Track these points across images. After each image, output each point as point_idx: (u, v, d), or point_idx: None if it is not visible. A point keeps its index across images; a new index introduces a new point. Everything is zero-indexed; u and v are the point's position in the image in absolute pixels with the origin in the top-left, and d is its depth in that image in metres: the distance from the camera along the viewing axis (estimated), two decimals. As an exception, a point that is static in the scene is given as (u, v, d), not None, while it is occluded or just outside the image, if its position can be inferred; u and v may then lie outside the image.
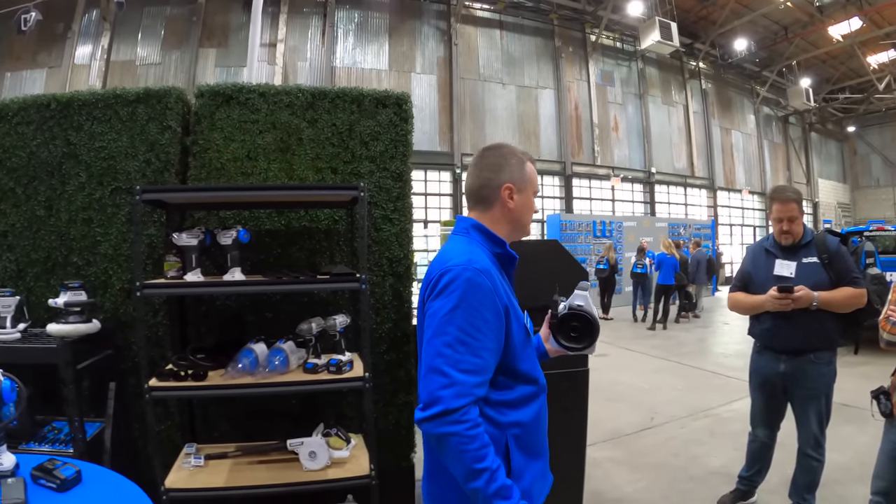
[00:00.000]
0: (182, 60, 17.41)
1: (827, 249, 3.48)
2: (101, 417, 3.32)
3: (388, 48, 19.28)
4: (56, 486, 1.93)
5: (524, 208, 1.87)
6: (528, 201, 1.87)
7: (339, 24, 18.76)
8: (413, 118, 3.93)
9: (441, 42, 20.09)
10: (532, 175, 1.88)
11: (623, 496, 4.25)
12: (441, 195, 19.92)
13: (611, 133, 22.87)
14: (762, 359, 3.72)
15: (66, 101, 3.61)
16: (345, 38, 18.84)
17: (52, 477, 1.94)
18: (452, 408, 1.49)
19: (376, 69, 18.91)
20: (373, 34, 19.16)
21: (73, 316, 3.07)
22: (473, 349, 1.56)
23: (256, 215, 3.65)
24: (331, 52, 18.44)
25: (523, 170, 1.85)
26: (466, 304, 1.58)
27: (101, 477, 2.11)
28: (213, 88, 3.70)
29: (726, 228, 26.93)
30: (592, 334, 1.92)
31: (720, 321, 14.11)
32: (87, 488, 1.98)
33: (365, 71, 18.67)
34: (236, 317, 3.57)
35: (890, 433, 2.92)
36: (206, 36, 17.74)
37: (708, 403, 6.61)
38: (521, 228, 1.91)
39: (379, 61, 19.11)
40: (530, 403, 1.75)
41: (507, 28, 21.18)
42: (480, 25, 20.78)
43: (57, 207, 3.58)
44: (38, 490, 1.92)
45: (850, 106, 29.02)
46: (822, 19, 21.97)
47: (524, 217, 1.89)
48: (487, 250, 1.77)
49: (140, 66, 17.21)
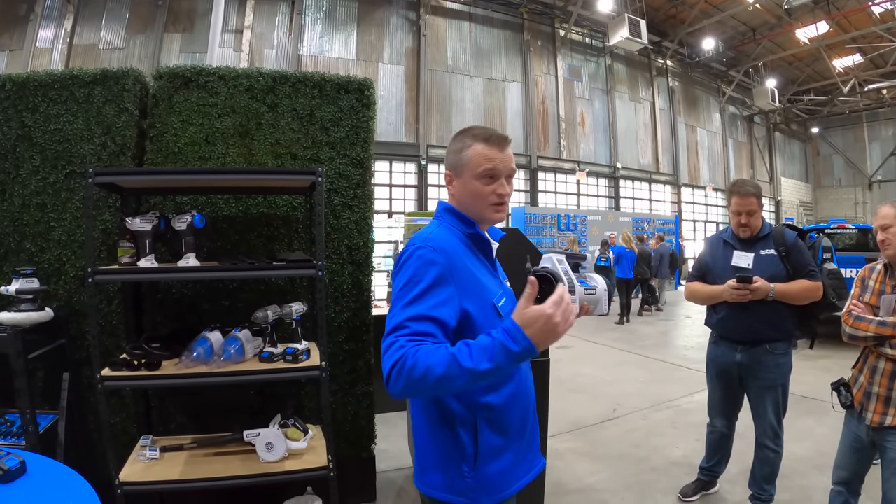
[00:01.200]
0: (146, 45, 17.07)
1: (784, 242, 3.52)
2: (54, 409, 3.25)
3: (355, 37, 19.11)
4: (-1, 476, 1.87)
5: (465, 193, 1.81)
6: (467, 185, 1.80)
7: (307, 11, 18.54)
8: (375, 104, 3.89)
9: (410, 33, 19.99)
10: (471, 157, 1.78)
11: (585, 487, 4.27)
12: (406, 186, 19.85)
13: (577, 128, 23.00)
14: (718, 349, 3.77)
15: (21, 82, 3.50)
16: (312, 25, 18.63)
17: (-5, 467, 1.88)
18: (390, 340, 1.52)
19: (343, 58, 18.75)
20: (341, 23, 18.98)
21: (25, 304, 3.00)
22: (421, 307, 1.58)
23: (214, 201, 3.58)
24: (298, 40, 18.23)
25: (460, 154, 1.80)
26: (417, 278, 1.61)
27: (47, 468, 2.06)
28: (172, 70, 3.62)
29: (690, 224, 27.29)
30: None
31: (683, 314, 14.32)
32: (31, 479, 1.93)
33: (332, 60, 18.50)
34: (192, 305, 3.51)
35: (850, 424, 2.99)
36: (172, 21, 17.41)
37: (670, 395, 6.69)
38: (472, 214, 1.83)
39: (346, 50, 18.95)
40: (501, 387, 1.75)
41: (477, 20, 21.15)
42: (450, 17, 20.71)
43: (10, 192, 3.48)
44: (-20, 481, 1.85)
45: (814, 107, 29.58)
46: (790, 22, 22.30)
47: (468, 202, 1.82)
48: (459, 231, 1.79)
49: (103, 50, 16.83)
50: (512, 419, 1.77)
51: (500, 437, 1.74)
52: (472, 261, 1.76)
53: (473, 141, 1.80)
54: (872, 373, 2.84)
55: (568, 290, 1.73)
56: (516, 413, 1.79)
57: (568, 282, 1.75)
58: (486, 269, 1.81)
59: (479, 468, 1.70)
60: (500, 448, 1.73)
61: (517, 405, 1.79)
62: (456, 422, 1.70)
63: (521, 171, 21.69)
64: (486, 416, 1.71)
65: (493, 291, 1.77)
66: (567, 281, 1.75)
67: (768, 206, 30.04)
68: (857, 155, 30.91)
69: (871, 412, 2.83)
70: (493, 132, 1.82)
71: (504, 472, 1.74)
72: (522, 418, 1.82)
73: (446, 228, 1.79)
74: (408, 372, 1.43)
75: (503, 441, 1.74)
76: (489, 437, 1.71)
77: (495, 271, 1.88)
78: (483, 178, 1.77)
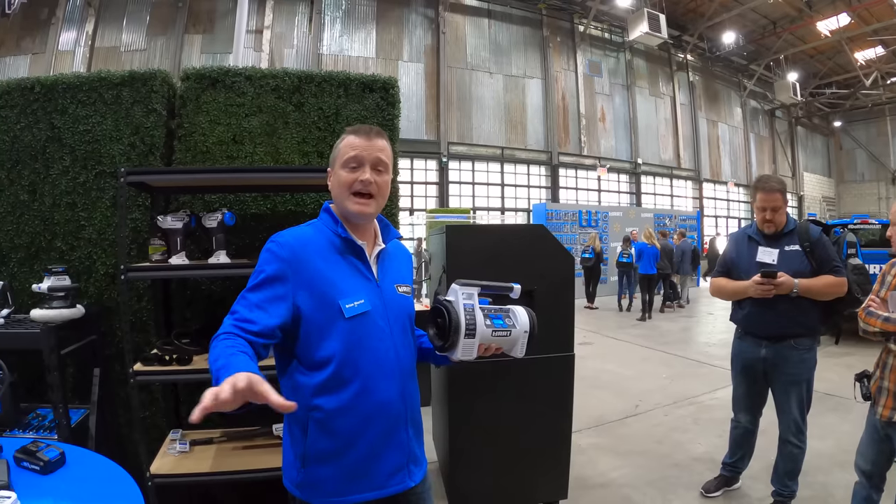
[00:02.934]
0: (167, 47, 17.24)
1: (809, 238, 3.50)
2: (85, 404, 3.31)
3: (375, 36, 19.16)
4: (39, 468, 1.92)
5: (335, 185, 1.81)
6: (336, 177, 1.80)
7: (326, 10, 18.62)
8: (400, 103, 3.91)
9: (429, 30, 20.00)
10: (341, 147, 1.80)
11: (608, 481, 4.27)
12: (427, 184, 19.89)
13: (598, 123, 22.88)
14: (743, 344, 3.75)
15: (50, 85, 3.57)
16: (332, 25, 18.70)
17: (36, 459, 1.93)
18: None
19: (363, 57, 18.80)
20: (360, 21, 19.04)
21: (57, 301, 3.06)
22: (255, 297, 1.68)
23: (242, 199, 3.63)
24: (317, 40, 18.31)
25: (335, 149, 1.83)
26: (259, 269, 1.73)
27: (86, 459, 2.11)
28: (199, 71, 3.67)
29: (712, 220, 27.05)
30: (449, 334, 1.69)
31: (705, 311, 14.21)
32: (70, 470, 1.97)
33: (352, 58, 18.55)
34: (221, 301, 3.55)
35: (870, 416, 2.98)
36: (192, 22, 17.57)
37: (692, 391, 6.66)
38: (343, 208, 1.80)
39: (366, 49, 19.00)
40: (336, 391, 1.69)
41: (496, 17, 21.11)
42: (468, 14, 20.69)
43: (41, 192, 3.55)
44: (22, 472, 1.91)
45: (836, 101, 29.17)
46: (811, 14, 22.05)
47: (336, 194, 1.82)
48: (329, 230, 1.80)
49: (125, 52, 17.02)
50: (347, 427, 1.70)
51: (331, 443, 1.69)
52: (331, 260, 1.74)
53: (346, 134, 1.82)
54: (884, 368, 2.86)
55: (465, 330, 1.68)
56: (354, 422, 1.70)
57: (467, 321, 1.69)
58: (350, 270, 1.77)
59: (307, 467, 1.69)
60: (330, 454, 1.69)
61: (357, 415, 1.71)
62: (292, 417, 1.71)
63: (541, 167, 21.68)
64: (316, 418, 1.68)
65: (344, 292, 1.71)
66: (466, 320, 1.69)
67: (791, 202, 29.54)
68: (881, 149, 30.44)
69: (882, 406, 2.83)
70: (364, 125, 1.84)
71: (335, 479, 1.70)
72: (367, 427, 1.72)
73: (315, 227, 1.82)
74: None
75: (334, 447, 1.69)
76: (317, 440, 1.68)
77: (370, 273, 1.81)
78: (347, 167, 1.77)
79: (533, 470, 3.64)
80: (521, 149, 21.19)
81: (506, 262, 3.49)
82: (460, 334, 1.67)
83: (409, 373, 1.83)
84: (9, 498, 1.63)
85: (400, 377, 1.79)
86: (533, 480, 3.66)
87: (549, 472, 3.70)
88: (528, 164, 21.52)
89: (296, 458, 1.71)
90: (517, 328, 1.80)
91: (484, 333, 1.72)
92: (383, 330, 1.76)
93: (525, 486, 3.64)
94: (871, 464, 2.98)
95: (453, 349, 1.70)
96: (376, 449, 1.75)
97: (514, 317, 1.81)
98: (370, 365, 1.72)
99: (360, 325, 1.72)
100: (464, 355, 1.71)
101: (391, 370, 1.76)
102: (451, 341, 1.69)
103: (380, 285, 1.81)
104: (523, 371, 3.53)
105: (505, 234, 3.87)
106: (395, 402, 1.77)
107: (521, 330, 1.80)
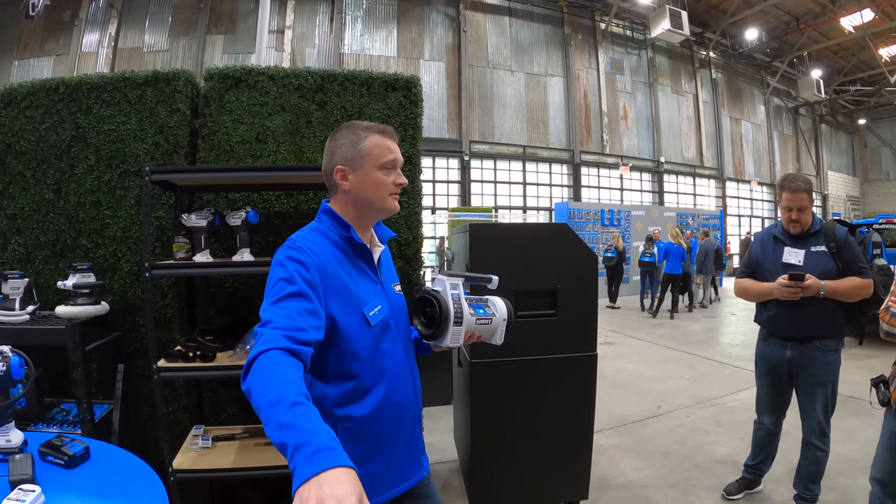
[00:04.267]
0: (189, 47, 17.42)
1: (835, 238, 3.45)
2: (109, 399, 3.34)
3: (396, 35, 19.23)
4: (64, 462, 1.94)
5: (365, 185, 1.76)
6: (368, 176, 1.75)
7: (347, 10, 18.70)
8: (422, 101, 3.91)
9: (450, 29, 20.03)
10: (371, 147, 1.75)
11: (628, 482, 4.25)
12: (449, 182, 19.93)
13: (620, 122, 22.77)
14: (768, 345, 3.71)
15: (74, 85, 3.61)
16: (353, 24, 18.79)
17: (60, 453, 1.96)
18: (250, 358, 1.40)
19: (384, 56, 18.87)
20: (381, 20, 19.11)
21: (82, 298, 3.08)
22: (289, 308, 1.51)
23: (265, 197, 3.64)
24: (339, 39, 18.41)
25: (357, 146, 1.75)
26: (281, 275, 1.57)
27: (110, 454, 2.13)
28: (223, 71, 3.70)
29: (735, 219, 26.82)
30: (440, 322, 1.76)
31: (727, 311, 14.08)
32: (95, 465, 1.99)
33: (373, 57, 18.63)
34: (244, 299, 3.57)
35: (888, 422, 2.89)
36: (214, 23, 17.74)
37: (714, 393, 6.60)
38: (371, 207, 1.79)
39: (387, 48, 19.07)
40: (362, 399, 1.70)
41: (516, 15, 21.08)
42: (489, 12, 20.69)
43: (66, 190, 3.59)
44: (46, 466, 1.93)
45: (861, 98, 28.74)
46: (834, 10, 21.76)
47: (369, 194, 1.77)
48: (336, 235, 1.75)
49: (147, 53, 17.24)
50: (376, 432, 1.72)
51: (360, 449, 1.66)
52: (347, 266, 1.72)
53: (368, 132, 1.77)
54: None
55: (454, 318, 1.75)
56: (383, 426, 1.73)
57: (455, 309, 1.75)
58: (362, 275, 1.76)
59: None
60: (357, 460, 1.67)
61: (386, 419, 1.73)
62: None
63: (563, 165, 21.65)
64: (346, 427, 1.68)
65: (364, 300, 1.71)
66: (454, 308, 1.75)
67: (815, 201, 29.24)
68: (906, 148, 30.01)
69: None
70: (385, 125, 1.82)
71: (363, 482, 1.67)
72: (392, 428, 1.76)
73: (320, 231, 1.76)
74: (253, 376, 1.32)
75: (362, 453, 1.66)
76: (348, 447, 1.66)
77: (376, 276, 1.82)
78: (384, 170, 1.76)
79: (553, 470, 3.63)
80: (542, 147, 21.15)
81: (529, 261, 3.48)
82: (450, 322, 1.75)
83: (415, 369, 1.88)
84: (33, 492, 1.64)
85: (411, 375, 1.84)
86: (553, 480, 3.65)
87: (570, 472, 3.68)
88: (549, 162, 21.49)
89: None
90: (497, 316, 1.90)
91: (469, 321, 1.81)
92: (395, 332, 1.79)
93: (545, 485, 3.63)
94: (887, 472, 2.89)
95: (442, 337, 1.77)
96: (399, 448, 1.79)
97: (494, 306, 1.92)
98: (390, 368, 1.74)
99: (380, 331, 1.73)
100: (452, 342, 1.79)
101: (405, 370, 1.80)
102: (440, 329, 1.76)
103: (384, 287, 1.83)
104: (546, 370, 3.53)
105: (528, 233, 3.86)
106: (410, 399, 1.83)
107: (501, 318, 1.90)
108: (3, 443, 1.99)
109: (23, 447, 2.01)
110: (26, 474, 1.78)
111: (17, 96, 3.66)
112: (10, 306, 3.04)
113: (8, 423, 2.01)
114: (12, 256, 3.63)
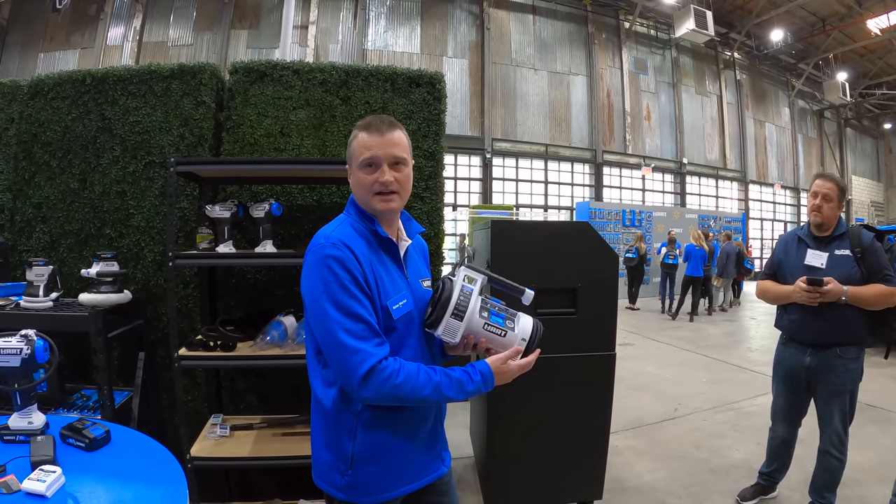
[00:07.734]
0: (214, 42, 17.56)
1: (861, 243, 3.38)
2: (129, 386, 3.40)
3: (419, 31, 19.26)
4: (85, 445, 1.96)
5: (355, 185, 1.76)
6: (354, 177, 1.75)
7: (371, 6, 18.76)
8: (446, 98, 3.92)
9: (473, 26, 20.01)
10: (355, 147, 1.74)
11: (643, 484, 4.23)
12: (471, 179, 19.93)
13: (643, 122, 22.63)
14: (787, 351, 3.65)
15: (101, 77, 3.67)
16: (376, 20, 18.84)
17: (82, 436, 1.98)
18: (364, 371, 1.55)
19: (408, 52, 18.91)
20: (404, 17, 19.14)
21: (105, 286, 3.13)
22: (353, 314, 1.58)
23: (288, 190, 3.68)
24: (362, 35, 18.47)
25: (350, 145, 1.76)
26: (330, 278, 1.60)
27: (130, 438, 2.15)
28: (248, 65, 3.74)
29: (757, 223, 26.56)
30: (435, 306, 1.70)
31: (748, 316, 13.95)
32: (115, 448, 2.02)
33: (396, 54, 18.66)
34: (265, 290, 3.61)
35: None
36: (238, 17, 17.86)
37: (732, 397, 6.54)
38: (366, 208, 1.76)
39: (410, 44, 19.10)
40: None
41: (540, 13, 21.01)
42: (513, 10, 20.65)
43: (91, 180, 3.65)
44: (67, 449, 1.96)
45: (887, 102, 28.24)
46: (861, 12, 21.43)
47: (358, 194, 1.76)
48: (363, 227, 1.74)
49: (172, 47, 17.42)
50: (398, 422, 1.73)
51: (382, 438, 1.69)
52: (375, 259, 1.71)
53: (357, 131, 1.75)
54: None
55: (453, 309, 1.68)
56: (405, 417, 1.74)
57: (459, 301, 1.69)
58: (388, 268, 1.75)
59: (355, 468, 1.67)
60: (382, 452, 1.70)
61: (406, 409, 1.73)
62: (337, 421, 1.68)
63: (585, 165, 21.56)
64: (366, 417, 1.68)
65: (390, 293, 1.70)
66: (457, 300, 1.69)
67: (840, 206, 28.93)
68: (932, 153, 29.53)
69: None
70: (375, 119, 1.75)
71: (383, 475, 1.71)
72: (413, 422, 1.77)
73: (348, 224, 1.74)
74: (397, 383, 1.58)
75: (385, 442, 1.70)
76: (370, 440, 1.68)
77: (401, 270, 1.81)
78: (364, 169, 1.72)
79: (568, 469, 3.62)
80: (564, 146, 21.08)
81: (550, 259, 3.47)
82: (447, 311, 1.68)
83: (440, 364, 1.84)
84: (54, 472, 1.67)
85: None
86: (568, 479, 3.64)
87: (585, 472, 3.67)
88: (571, 161, 21.42)
89: (338, 462, 1.69)
90: (515, 332, 1.76)
91: (474, 322, 1.72)
92: (419, 326, 1.78)
93: (560, 484, 3.62)
94: None
95: (437, 324, 1.70)
96: (420, 442, 1.79)
97: (517, 321, 1.79)
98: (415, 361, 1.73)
99: (405, 324, 1.73)
100: (445, 334, 1.70)
101: (428, 363, 1.76)
102: (436, 315, 1.69)
103: (409, 281, 1.81)
104: (564, 369, 3.51)
105: (550, 231, 3.84)
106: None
107: (519, 336, 1.76)
108: (26, 424, 2.02)
109: (44, 429, 2.04)
110: (47, 455, 1.81)
111: (43, 87, 3.73)
112: (34, 293, 3.10)
113: (31, 406, 2.04)
114: (37, 244, 3.70)
